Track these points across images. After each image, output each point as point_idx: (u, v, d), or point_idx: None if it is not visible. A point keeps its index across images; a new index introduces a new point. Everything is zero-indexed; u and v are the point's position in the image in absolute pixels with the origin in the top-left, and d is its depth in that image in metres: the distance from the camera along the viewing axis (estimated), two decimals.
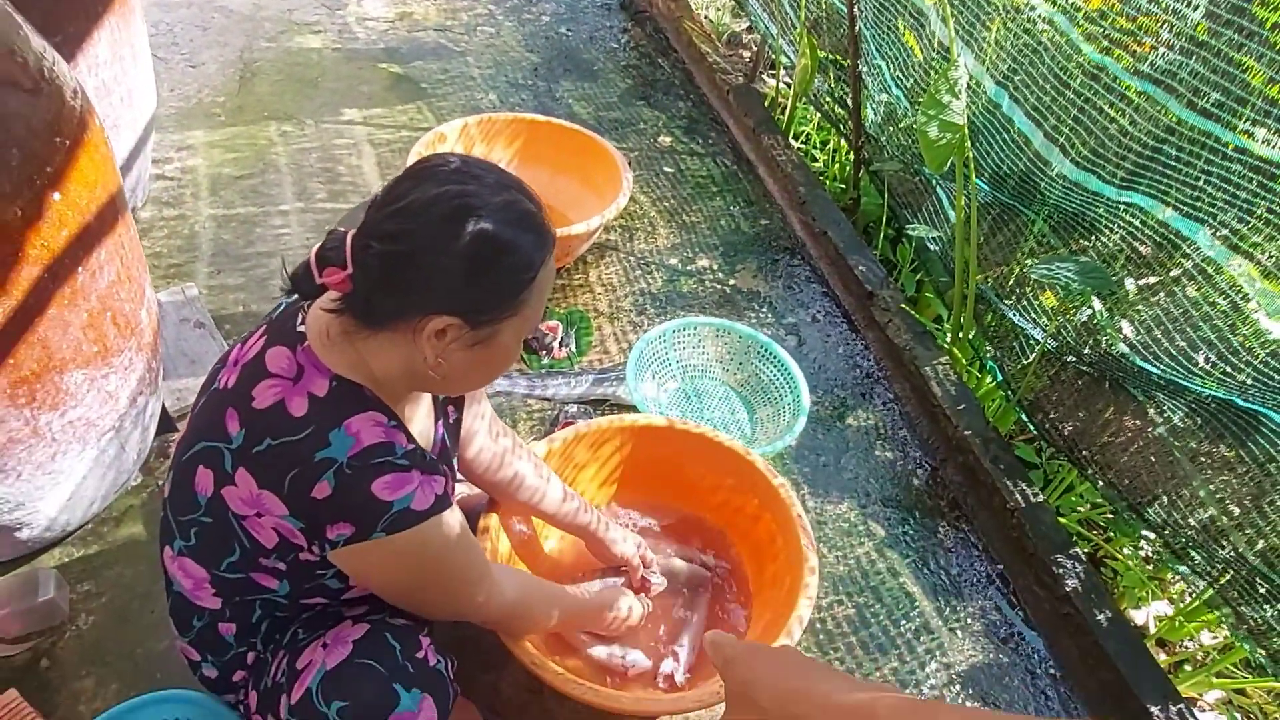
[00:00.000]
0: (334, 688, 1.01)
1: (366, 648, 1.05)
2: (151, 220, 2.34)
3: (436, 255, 0.92)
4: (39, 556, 1.60)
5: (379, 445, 0.96)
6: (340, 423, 0.95)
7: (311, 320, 1.01)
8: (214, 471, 0.98)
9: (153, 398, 1.68)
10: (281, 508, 0.96)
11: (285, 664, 1.09)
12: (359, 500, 0.95)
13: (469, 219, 0.92)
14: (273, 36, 3.18)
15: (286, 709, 1.04)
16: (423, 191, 0.93)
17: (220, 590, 1.09)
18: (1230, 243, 1.50)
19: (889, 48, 2.33)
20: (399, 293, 0.94)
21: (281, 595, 1.09)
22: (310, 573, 1.06)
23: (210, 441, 0.99)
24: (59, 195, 1.25)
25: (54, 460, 1.44)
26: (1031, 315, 1.98)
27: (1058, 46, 1.76)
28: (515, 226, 0.95)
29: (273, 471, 0.95)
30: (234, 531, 1.01)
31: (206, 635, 1.14)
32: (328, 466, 0.94)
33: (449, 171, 0.95)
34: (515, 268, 0.96)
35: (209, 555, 1.06)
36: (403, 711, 1.02)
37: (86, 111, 1.34)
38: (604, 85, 3.25)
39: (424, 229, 0.92)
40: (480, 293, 0.96)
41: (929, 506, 1.98)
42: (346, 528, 0.96)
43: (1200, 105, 1.49)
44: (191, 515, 1.03)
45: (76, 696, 1.44)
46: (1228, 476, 1.59)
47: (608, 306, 2.33)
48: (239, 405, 0.98)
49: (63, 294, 1.29)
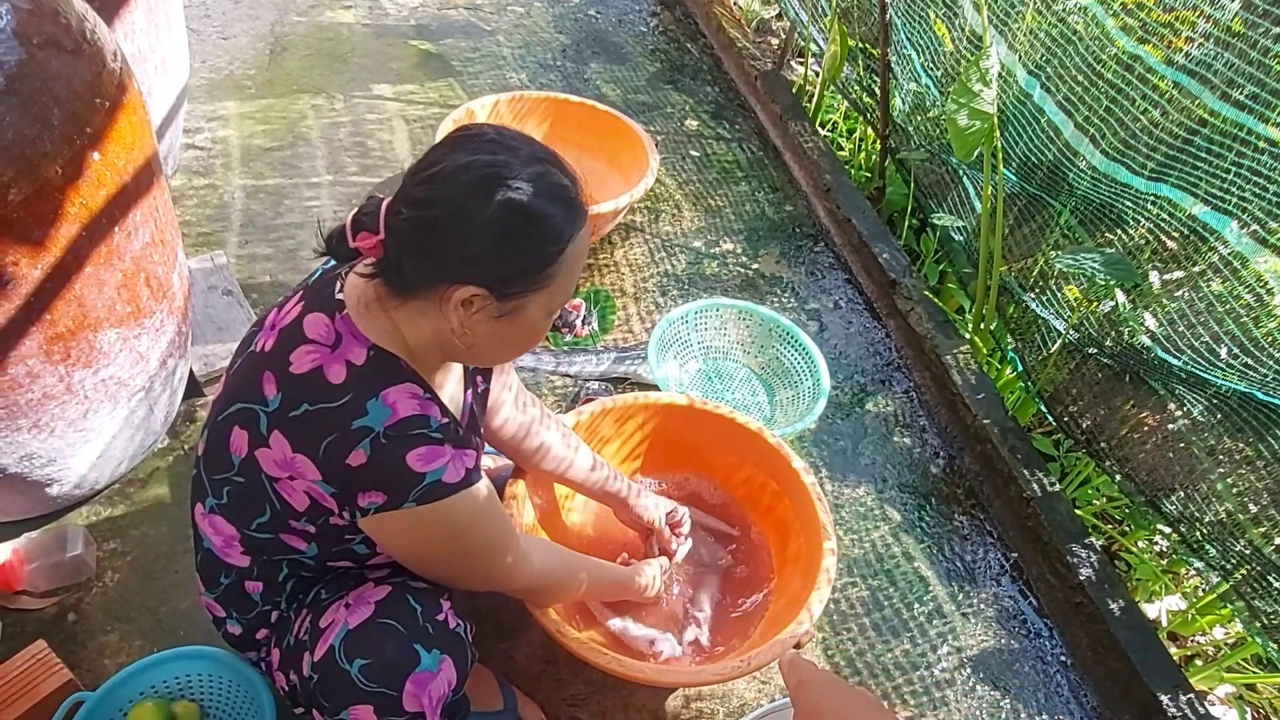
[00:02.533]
0: (356, 645, 1.03)
1: (388, 608, 1.07)
2: (182, 189, 2.37)
3: (464, 223, 0.92)
4: (68, 514, 1.64)
5: (415, 417, 0.98)
6: (377, 393, 0.97)
7: (349, 288, 1.03)
8: (249, 433, 1.00)
9: (182, 361, 1.71)
10: (315, 472, 0.97)
11: (308, 622, 1.11)
12: (392, 469, 0.96)
13: (498, 188, 0.91)
14: (303, 11, 3.20)
15: (309, 665, 1.06)
16: (454, 159, 0.93)
17: (249, 549, 1.11)
18: (1258, 237, 1.49)
19: (919, 37, 2.32)
20: (428, 260, 0.95)
21: (309, 557, 1.11)
22: (339, 537, 1.08)
23: (246, 403, 1.00)
24: (98, 155, 1.27)
25: (85, 418, 1.47)
26: (1054, 307, 1.97)
27: (1092, 36, 1.75)
28: (545, 198, 0.94)
29: (308, 436, 0.96)
30: (265, 493, 1.03)
31: (232, 592, 1.16)
32: (364, 435, 0.95)
33: (483, 141, 0.95)
34: (543, 240, 0.95)
35: (240, 515, 1.07)
36: (422, 671, 1.04)
37: (125, 74, 1.37)
38: (632, 68, 3.25)
39: (453, 196, 0.92)
40: (506, 264, 0.95)
41: (945, 494, 1.98)
42: (378, 496, 0.97)
43: (1234, 97, 1.47)
44: (224, 474, 1.05)
45: (101, 650, 1.47)
46: (1246, 472, 1.59)
47: (632, 286, 2.34)
48: (276, 369, 0.99)
49: (99, 253, 1.32)
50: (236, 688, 1.36)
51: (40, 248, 1.21)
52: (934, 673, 1.65)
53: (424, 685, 1.04)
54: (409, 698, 1.03)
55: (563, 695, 1.51)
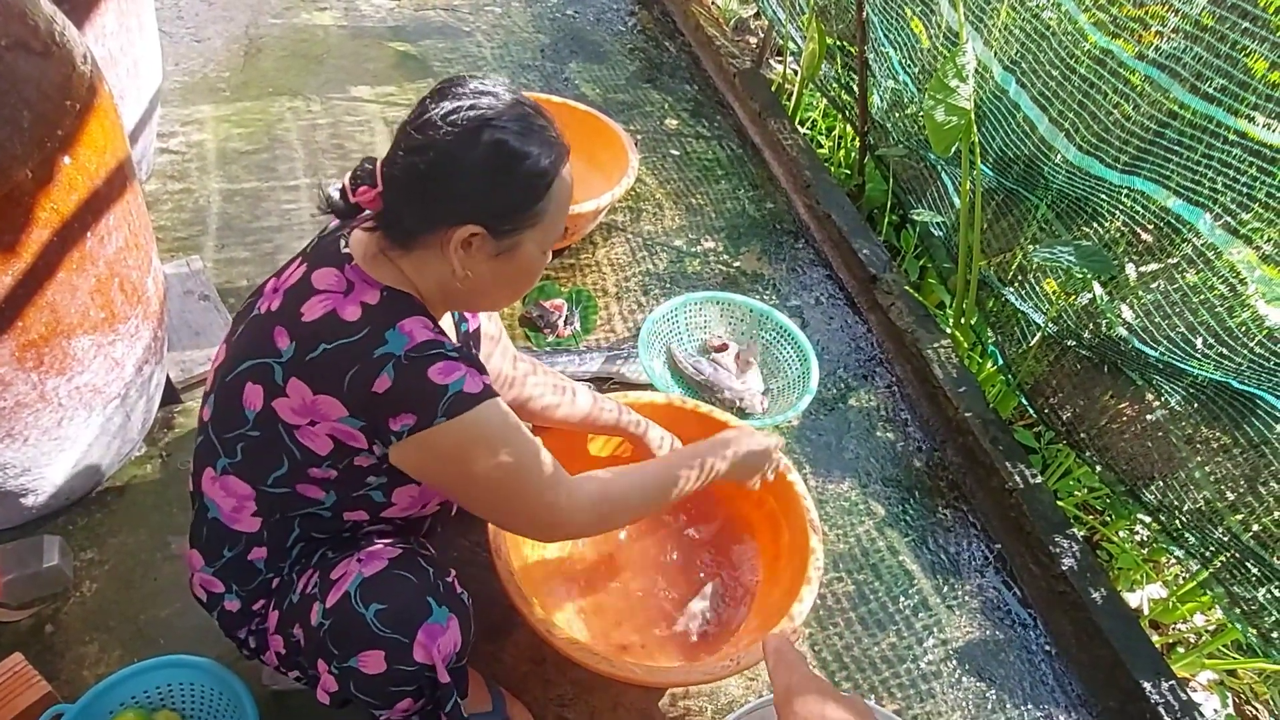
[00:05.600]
0: (372, 591, 1.05)
1: (402, 562, 1.10)
2: (157, 194, 2.34)
3: (455, 165, 0.98)
4: (44, 524, 1.62)
5: (432, 340, 1.02)
6: (394, 323, 1.01)
7: (354, 243, 1.07)
8: (263, 386, 1.03)
9: (158, 368, 1.69)
10: (340, 409, 1.00)
11: (317, 578, 1.12)
12: (417, 386, 0.99)
13: (484, 129, 0.98)
14: (278, 12, 3.17)
15: (320, 613, 1.07)
16: (441, 107, 0.99)
17: (262, 508, 1.12)
18: (1230, 228, 1.51)
19: (896, 34, 2.33)
20: (425, 205, 1.01)
21: (325, 508, 1.12)
22: (360, 480, 1.10)
23: (258, 359, 1.03)
24: (69, 159, 1.25)
25: (60, 426, 1.45)
26: (1033, 300, 1.99)
27: (1065, 32, 1.76)
28: (528, 137, 1.00)
29: (330, 374, 0.99)
30: (283, 443, 1.05)
31: (235, 564, 1.16)
32: (386, 361, 0.98)
33: (466, 90, 1.01)
34: (531, 174, 1.01)
35: (256, 470, 1.09)
36: (433, 623, 1.07)
37: (96, 77, 1.35)
38: (612, 67, 3.24)
39: (443, 141, 0.98)
40: (499, 200, 1.01)
41: (929, 487, 1.99)
42: (409, 417, 0.99)
43: (1203, 90, 1.49)
44: (239, 431, 1.07)
45: (80, 661, 1.45)
46: (1223, 460, 1.61)
47: (614, 286, 2.34)
48: (287, 323, 1.02)
49: (71, 258, 1.30)
50: (219, 696, 1.34)
51: (10, 253, 1.20)
52: (920, 665, 1.66)
53: (435, 637, 1.06)
54: (419, 647, 1.05)
55: (550, 695, 1.51)
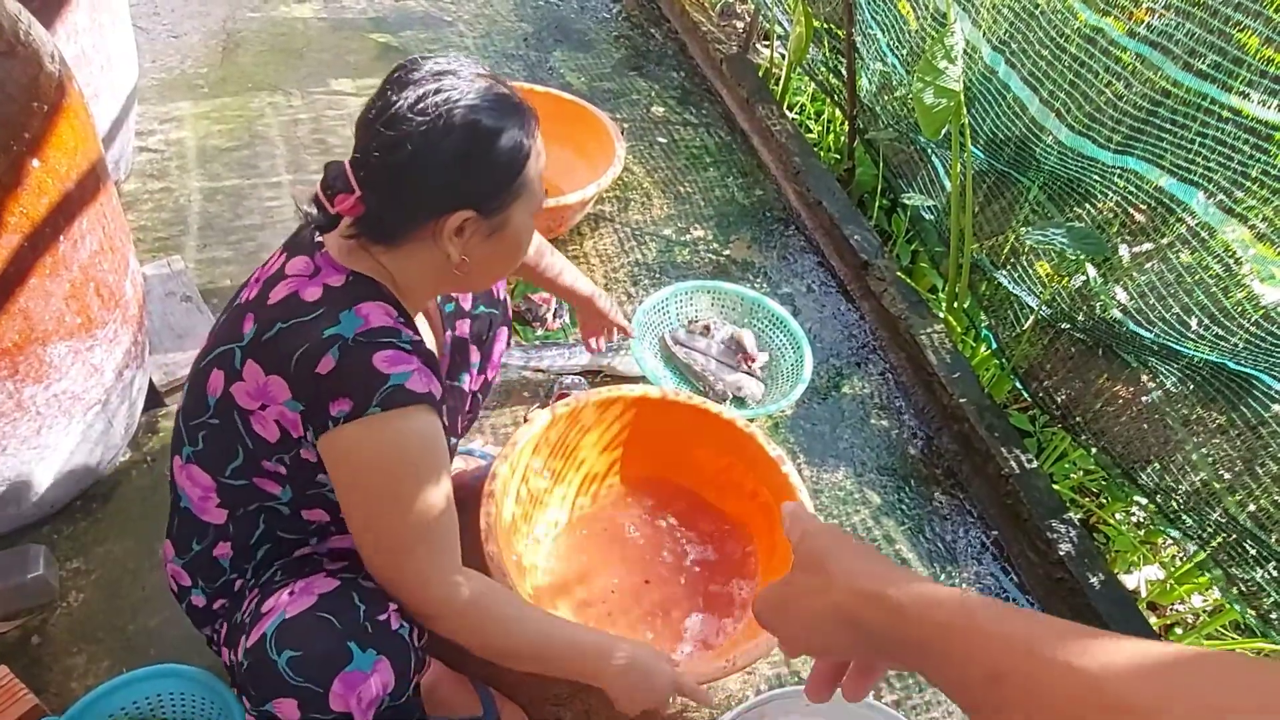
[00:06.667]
0: (288, 636, 1.00)
1: (330, 602, 1.03)
2: (136, 193, 2.30)
3: (434, 155, 0.96)
4: (27, 534, 1.59)
5: (387, 328, 1.00)
6: (352, 305, 0.99)
7: (330, 237, 1.07)
8: (224, 371, 1.02)
9: (140, 371, 1.66)
10: (285, 392, 0.98)
11: (254, 605, 1.09)
12: (359, 370, 0.97)
13: (455, 113, 0.96)
14: (256, 6, 3.12)
15: (242, 651, 1.03)
16: (405, 98, 0.96)
17: (225, 500, 1.10)
18: (1225, 206, 1.49)
19: (883, 16, 2.30)
20: (407, 201, 0.99)
21: (283, 503, 1.11)
22: (311, 476, 1.08)
23: (225, 344, 1.03)
24: (38, 162, 1.22)
25: (39, 435, 1.42)
26: (1026, 283, 1.97)
27: (1054, 10, 1.74)
28: (498, 111, 0.99)
29: (280, 354, 0.98)
30: (238, 432, 1.04)
31: (202, 559, 1.14)
32: (333, 342, 0.97)
33: (425, 74, 0.99)
34: (508, 149, 1.00)
35: (215, 460, 1.07)
36: (353, 670, 0.99)
37: (65, 77, 1.31)
38: (597, 55, 3.20)
39: (416, 134, 0.96)
40: (484, 181, 1.00)
41: (924, 474, 1.98)
42: (346, 403, 0.97)
43: (1196, 67, 1.47)
44: (201, 419, 1.06)
45: (68, 673, 1.43)
46: (1219, 441, 1.59)
47: (603, 277, 2.31)
48: (255, 308, 1.02)
49: (44, 264, 1.27)
50: (210, 705, 1.32)
51: None
52: None
53: (353, 685, 0.99)
54: (335, 697, 0.98)
55: (546, 695, 1.49)
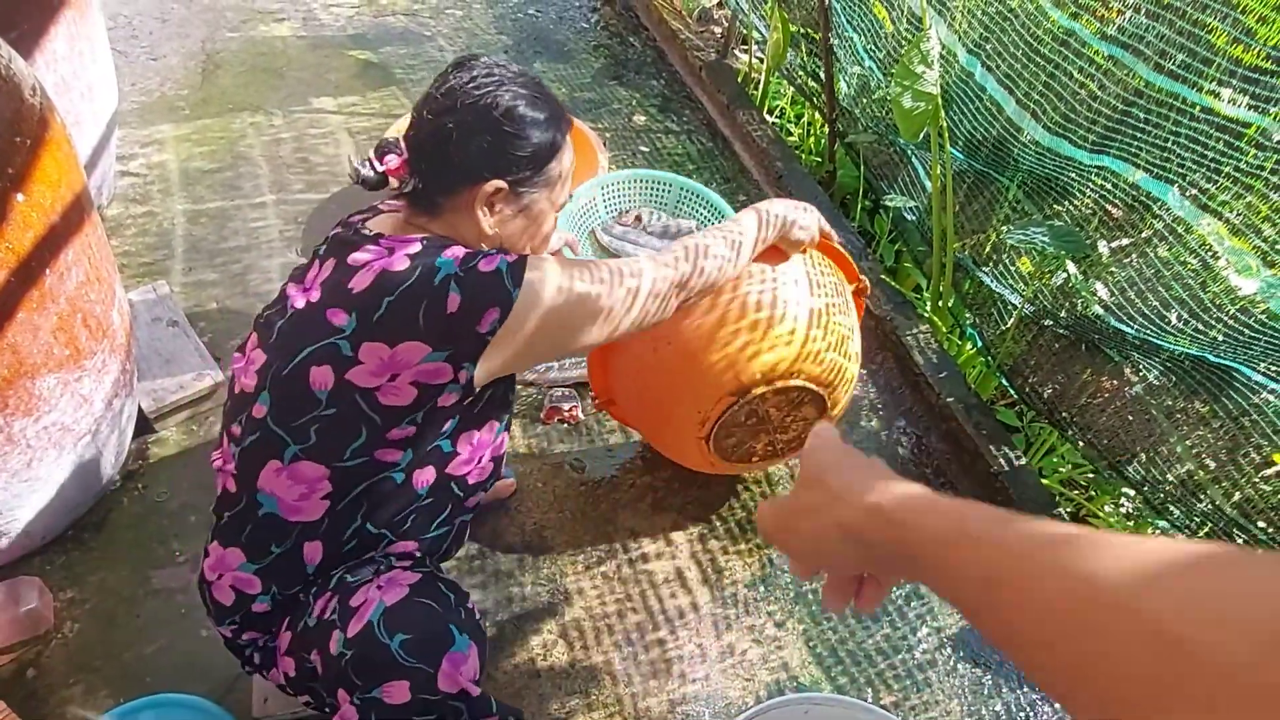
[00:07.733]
0: (396, 620, 1.06)
1: (422, 590, 1.12)
2: (120, 218, 2.30)
3: (477, 124, 1.12)
4: (20, 565, 1.59)
5: (474, 251, 1.12)
6: (440, 253, 1.10)
7: (378, 225, 1.17)
8: (331, 364, 1.07)
9: (129, 400, 1.66)
10: (422, 349, 1.06)
11: (336, 603, 1.11)
12: (481, 282, 1.08)
13: (500, 95, 1.13)
14: (235, 26, 3.12)
15: (341, 642, 1.06)
16: (459, 79, 1.14)
17: (337, 487, 1.13)
18: (1199, 202, 1.51)
19: (860, 19, 2.32)
20: (449, 166, 1.14)
21: (400, 468, 1.16)
22: (439, 425, 1.16)
23: (318, 343, 1.08)
24: (22, 196, 1.22)
25: (30, 467, 1.42)
26: (1009, 281, 1.99)
27: (1027, 13, 1.76)
28: (537, 103, 1.16)
29: (403, 320, 1.05)
30: (361, 412, 1.09)
31: (284, 561, 1.16)
32: (447, 281, 1.06)
33: (481, 65, 1.16)
34: (542, 136, 1.16)
35: (332, 447, 1.11)
36: (456, 651, 1.08)
37: (47, 109, 1.31)
38: (576, 66, 3.21)
39: (462, 108, 1.12)
40: (516, 158, 1.15)
41: (915, 474, 1.99)
42: (493, 312, 1.07)
43: (1167, 67, 1.49)
44: (312, 414, 1.09)
45: (66, 704, 1.43)
46: (1203, 431, 1.62)
47: None
48: (340, 302, 1.08)
49: (30, 298, 1.27)
50: None
51: None
52: (915, 655, 1.66)
53: (458, 665, 1.08)
54: (444, 676, 1.06)
55: (546, 711, 1.50)
